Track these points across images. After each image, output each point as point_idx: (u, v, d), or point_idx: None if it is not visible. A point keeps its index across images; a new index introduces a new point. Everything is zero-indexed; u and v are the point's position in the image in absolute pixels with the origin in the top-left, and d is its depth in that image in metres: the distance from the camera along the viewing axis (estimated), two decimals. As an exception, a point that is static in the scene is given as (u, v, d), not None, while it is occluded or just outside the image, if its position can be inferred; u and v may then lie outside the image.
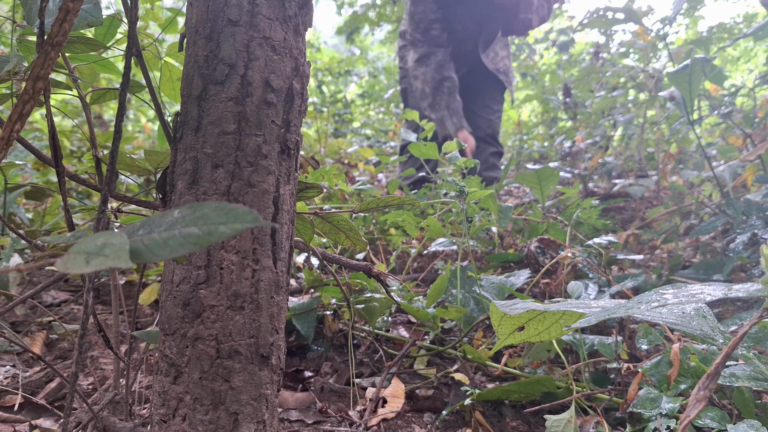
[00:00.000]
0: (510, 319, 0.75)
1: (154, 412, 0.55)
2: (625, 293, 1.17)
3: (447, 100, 2.43)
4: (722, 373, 0.76)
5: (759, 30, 1.43)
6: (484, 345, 1.17)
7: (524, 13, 2.45)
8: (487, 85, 2.76)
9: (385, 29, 5.95)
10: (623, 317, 0.99)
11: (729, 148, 2.12)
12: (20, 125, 0.46)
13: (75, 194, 2.08)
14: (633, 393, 0.84)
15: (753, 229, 1.30)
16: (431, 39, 2.47)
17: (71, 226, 0.61)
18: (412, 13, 2.50)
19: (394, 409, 0.94)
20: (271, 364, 0.56)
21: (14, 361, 1.08)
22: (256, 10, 0.54)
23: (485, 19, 2.57)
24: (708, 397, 0.51)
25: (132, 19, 0.55)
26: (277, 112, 0.56)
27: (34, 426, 0.85)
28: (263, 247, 0.55)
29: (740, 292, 0.58)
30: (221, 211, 0.34)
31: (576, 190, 1.97)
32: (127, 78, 0.55)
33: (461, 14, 2.54)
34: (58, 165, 0.57)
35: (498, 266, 1.59)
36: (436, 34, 2.46)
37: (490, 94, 2.77)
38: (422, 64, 2.47)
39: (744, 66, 4.57)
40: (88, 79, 0.93)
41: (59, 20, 0.44)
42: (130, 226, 0.36)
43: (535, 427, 0.91)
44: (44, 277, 1.49)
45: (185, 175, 0.55)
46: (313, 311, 1.18)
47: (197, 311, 0.53)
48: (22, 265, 0.32)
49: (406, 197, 0.77)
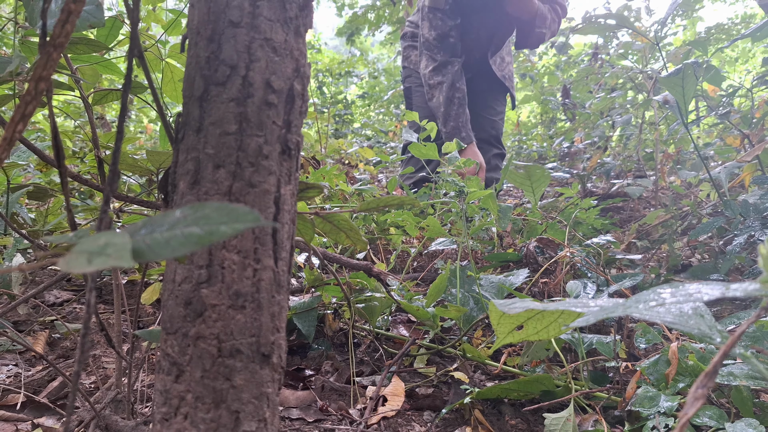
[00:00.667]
0: (509, 318, 0.76)
1: (155, 410, 0.56)
2: (624, 292, 1.17)
3: (457, 112, 2.43)
4: (720, 372, 0.77)
5: (757, 31, 1.44)
6: (484, 344, 1.17)
7: (539, 27, 2.46)
8: (491, 87, 2.77)
9: (385, 31, 5.95)
10: (622, 316, 1.00)
11: (727, 149, 2.12)
12: (23, 126, 0.46)
13: (77, 194, 2.08)
14: (631, 391, 0.84)
15: (750, 230, 1.31)
16: (449, 47, 2.46)
17: (73, 225, 0.62)
18: (430, 19, 2.48)
19: (394, 408, 0.94)
20: (272, 362, 0.57)
21: (17, 360, 1.09)
22: (257, 12, 0.55)
23: (498, 29, 2.58)
24: (706, 395, 0.52)
25: (134, 20, 0.55)
26: (278, 112, 0.56)
27: (37, 425, 0.85)
28: (264, 247, 0.56)
29: (738, 291, 0.58)
30: (223, 211, 0.34)
31: (575, 191, 1.98)
32: (129, 79, 0.56)
33: (476, 24, 2.55)
34: (61, 165, 0.57)
35: (497, 266, 1.60)
36: (453, 42, 2.46)
37: (494, 96, 2.78)
38: (438, 73, 2.46)
39: (742, 67, 4.57)
40: (90, 80, 0.94)
41: (61, 21, 0.44)
42: (132, 225, 0.36)
43: (534, 425, 0.92)
44: (47, 276, 1.49)
45: (187, 176, 0.55)
46: (313, 310, 1.19)
47: (199, 310, 0.54)
48: (25, 265, 0.32)
49: (406, 197, 0.77)
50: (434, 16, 2.46)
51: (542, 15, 2.42)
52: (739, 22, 2.99)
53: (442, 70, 2.45)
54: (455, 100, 2.42)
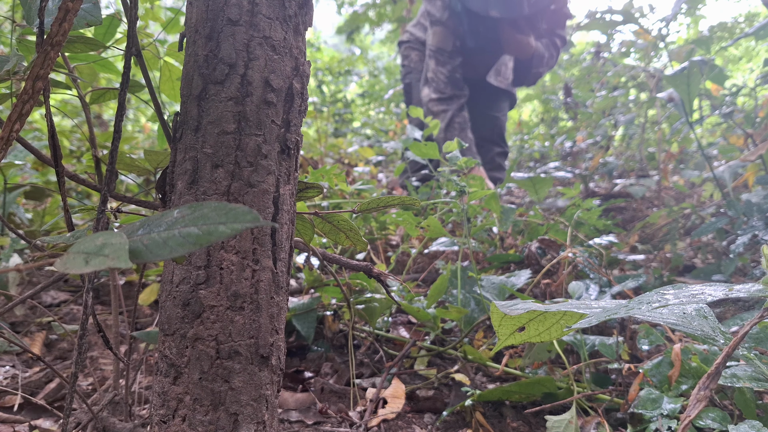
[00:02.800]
0: (510, 319, 0.75)
1: (153, 412, 0.55)
2: (627, 294, 1.16)
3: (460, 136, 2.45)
4: (723, 374, 0.76)
5: (760, 29, 1.43)
6: (485, 345, 1.17)
7: (536, 68, 2.52)
8: (493, 89, 2.78)
9: (386, 29, 5.94)
10: (624, 318, 0.99)
11: (730, 148, 2.11)
12: (20, 125, 0.46)
13: (74, 194, 2.07)
14: (634, 393, 0.84)
15: (754, 230, 1.30)
16: (456, 83, 2.50)
17: (71, 226, 0.61)
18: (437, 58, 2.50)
19: (394, 410, 0.94)
20: (271, 364, 0.56)
21: (14, 362, 1.08)
22: (256, 10, 0.54)
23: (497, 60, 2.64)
24: (708, 397, 0.51)
25: (131, 18, 0.55)
26: (277, 111, 0.56)
27: (34, 426, 0.84)
28: (263, 248, 0.55)
29: (741, 292, 0.58)
30: (221, 210, 0.34)
31: (577, 191, 1.97)
32: (126, 78, 0.55)
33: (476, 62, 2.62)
34: (58, 165, 0.57)
35: (498, 267, 1.59)
36: (459, 78, 2.51)
37: (496, 95, 2.79)
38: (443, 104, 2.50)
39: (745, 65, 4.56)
40: (87, 78, 0.93)
41: (59, 20, 0.44)
42: (129, 226, 0.36)
43: (535, 427, 0.91)
44: (44, 277, 1.49)
45: (185, 175, 0.55)
46: (313, 312, 1.18)
47: (197, 312, 0.53)
48: (22, 266, 0.31)
49: (406, 197, 0.77)
50: (441, 56, 2.50)
51: (539, 55, 2.50)
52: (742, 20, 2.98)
53: (448, 102, 2.49)
54: (455, 125, 2.45)
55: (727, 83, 2.74)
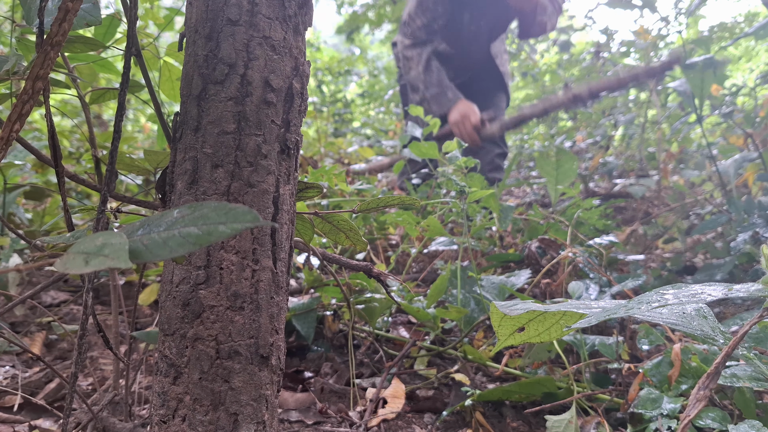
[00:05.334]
0: (510, 319, 0.75)
1: (153, 412, 0.55)
2: (626, 293, 1.16)
3: (438, 76, 2.41)
4: (723, 374, 0.76)
5: (760, 29, 1.43)
6: (485, 345, 1.17)
7: (541, 15, 2.48)
8: (491, 85, 2.77)
9: (385, 29, 5.94)
10: (624, 317, 0.99)
11: (730, 148, 2.12)
12: (19, 125, 0.46)
13: (74, 194, 2.07)
14: (634, 393, 0.84)
15: (754, 227, 1.30)
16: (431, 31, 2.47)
17: (70, 226, 0.61)
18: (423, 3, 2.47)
19: (394, 410, 0.94)
20: (270, 364, 0.56)
21: (14, 362, 1.08)
22: (255, 10, 0.54)
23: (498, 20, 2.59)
24: (708, 396, 0.51)
25: (131, 18, 0.55)
26: (276, 111, 0.56)
27: (34, 426, 0.84)
28: (263, 248, 0.55)
29: (741, 292, 0.58)
30: (221, 210, 0.34)
31: (577, 191, 1.97)
32: (126, 78, 0.55)
33: (476, 15, 2.55)
34: (58, 165, 0.57)
35: (498, 266, 1.59)
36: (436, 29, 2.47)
37: (495, 94, 2.78)
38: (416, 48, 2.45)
39: (745, 65, 4.56)
40: (87, 78, 0.93)
41: (58, 20, 0.44)
42: (129, 226, 0.36)
43: (535, 427, 0.91)
44: (44, 277, 1.49)
45: (185, 175, 0.55)
46: (313, 312, 1.18)
47: (197, 312, 0.53)
48: (22, 266, 0.31)
49: (406, 197, 0.77)
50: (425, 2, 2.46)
51: (543, 5, 2.45)
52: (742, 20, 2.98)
53: (421, 46, 2.45)
54: (433, 67, 2.40)
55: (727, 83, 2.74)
